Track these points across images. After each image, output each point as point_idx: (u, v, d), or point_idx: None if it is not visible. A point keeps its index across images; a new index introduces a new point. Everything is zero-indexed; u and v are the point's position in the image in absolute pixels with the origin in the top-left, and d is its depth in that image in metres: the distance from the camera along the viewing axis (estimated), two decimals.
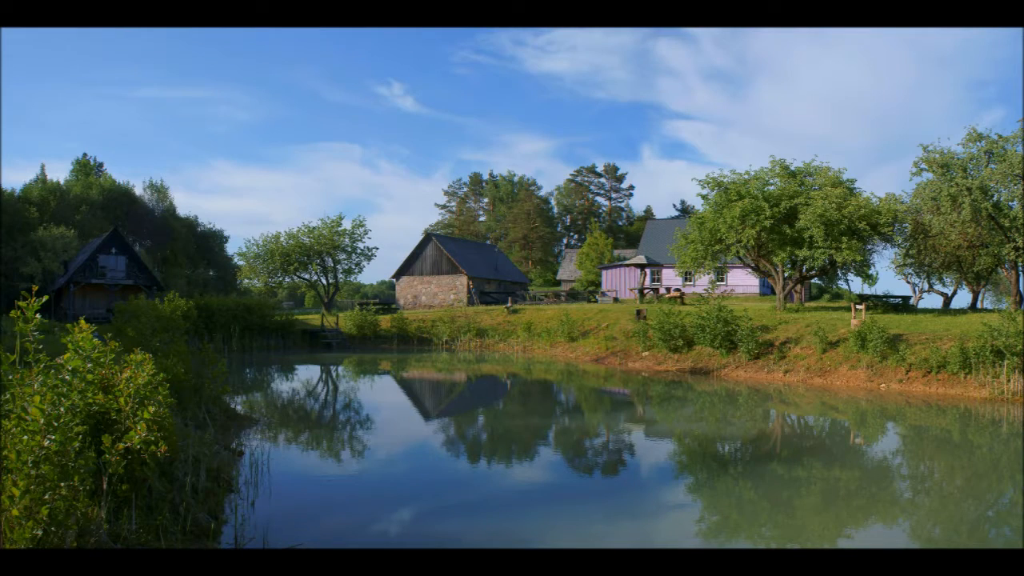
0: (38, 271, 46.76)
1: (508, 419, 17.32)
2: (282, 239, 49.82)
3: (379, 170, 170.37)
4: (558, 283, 75.54)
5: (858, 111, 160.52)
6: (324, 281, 51.91)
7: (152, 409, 6.52)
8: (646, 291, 46.88)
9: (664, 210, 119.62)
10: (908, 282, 36.32)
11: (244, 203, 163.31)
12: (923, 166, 29.42)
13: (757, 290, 49.29)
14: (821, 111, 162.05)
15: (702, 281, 41.41)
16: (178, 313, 21.51)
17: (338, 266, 51.41)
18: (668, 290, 46.29)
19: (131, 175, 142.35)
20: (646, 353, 27.77)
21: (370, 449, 12.63)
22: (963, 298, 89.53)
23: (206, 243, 69.57)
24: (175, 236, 63.94)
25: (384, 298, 68.59)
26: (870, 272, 30.04)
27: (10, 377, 5.06)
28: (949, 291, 34.32)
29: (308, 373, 27.33)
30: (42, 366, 5.20)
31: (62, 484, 4.84)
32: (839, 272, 31.13)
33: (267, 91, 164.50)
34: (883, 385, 20.15)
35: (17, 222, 49.18)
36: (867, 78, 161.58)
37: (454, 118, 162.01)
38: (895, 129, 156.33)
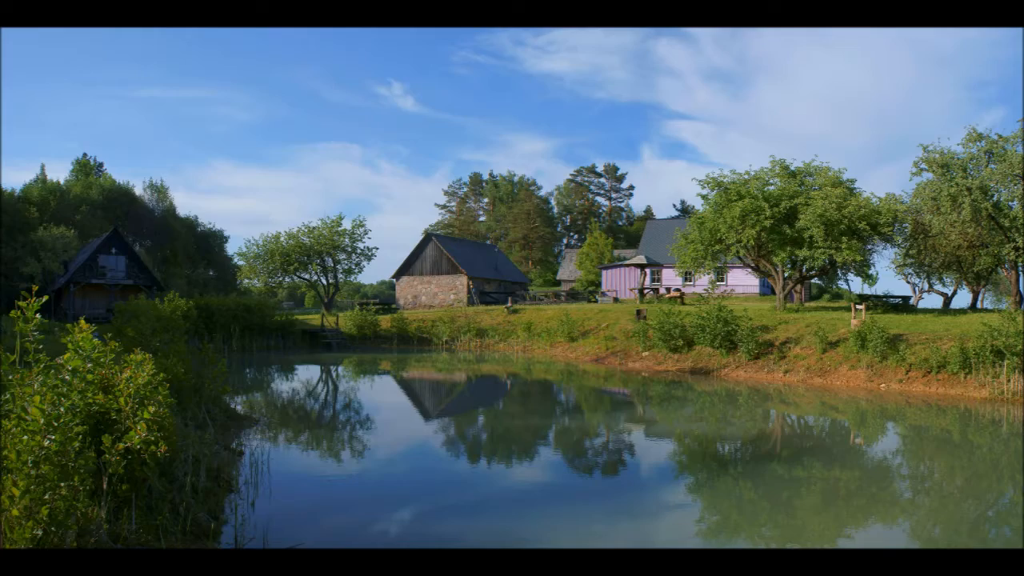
0: (38, 271, 46.77)
1: (508, 419, 17.32)
2: (282, 239, 49.86)
3: (379, 170, 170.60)
4: (558, 283, 75.51)
5: (858, 111, 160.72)
6: (324, 281, 51.93)
7: (152, 409, 6.52)
8: (646, 291, 46.87)
9: (664, 210, 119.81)
10: (908, 282, 36.39)
11: (244, 203, 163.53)
12: (923, 166, 29.45)
13: (757, 290, 49.27)
14: (821, 111, 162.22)
15: (702, 281, 41.39)
16: (178, 313, 21.51)
17: (338, 266, 51.44)
18: (668, 290, 46.28)
19: (131, 175, 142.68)
20: (646, 353, 27.77)
21: (370, 449, 12.63)
22: (963, 298, 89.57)
23: (206, 243, 69.58)
24: (175, 236, 63.95)
25: (384, 298, 68.55)
26: (870, 272, 30.07)
27: (10, 377, 5.06)
28: (949, 291, 34.35)
29: (308, 373, 27.32)
30: (42, 366, 5.20)
31: (62, 484, 4.84)
32: (839, 272, 31.14)
33: (267, 91, 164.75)
34: (883, 385, 20.15)
35: (17, 222, 49.18)
36: (867, 78, 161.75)
37: (454, 118, 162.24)
38: (895, 129, 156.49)
